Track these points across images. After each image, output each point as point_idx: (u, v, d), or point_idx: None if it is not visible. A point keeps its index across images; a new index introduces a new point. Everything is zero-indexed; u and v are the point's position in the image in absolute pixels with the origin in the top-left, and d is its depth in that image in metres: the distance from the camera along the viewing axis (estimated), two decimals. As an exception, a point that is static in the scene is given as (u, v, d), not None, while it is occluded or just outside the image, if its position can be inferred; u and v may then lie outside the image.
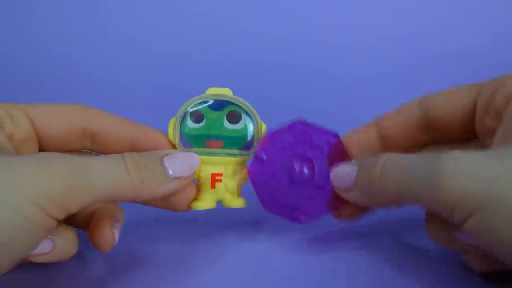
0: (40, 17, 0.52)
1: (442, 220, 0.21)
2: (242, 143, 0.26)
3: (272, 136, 0.26)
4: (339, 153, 0.26)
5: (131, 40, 0.51)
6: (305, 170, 0.26)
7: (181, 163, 0.24)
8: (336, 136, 0.26)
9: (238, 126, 0.26)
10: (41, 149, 0.25)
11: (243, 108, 0.26)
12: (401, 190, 0.20)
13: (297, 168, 0.26)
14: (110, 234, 0.23)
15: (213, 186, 0.26)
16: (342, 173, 0.24)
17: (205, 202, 0.26)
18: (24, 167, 0.18)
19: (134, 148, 0.26)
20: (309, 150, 0.26)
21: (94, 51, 0.51)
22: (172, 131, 0.26)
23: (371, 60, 0.49)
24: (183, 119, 0.26)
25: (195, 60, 0.50)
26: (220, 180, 0.26)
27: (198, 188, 0.26)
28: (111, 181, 0.20)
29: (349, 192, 0.24)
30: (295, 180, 0.26)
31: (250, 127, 0.26)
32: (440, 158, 0.19)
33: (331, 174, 0.25)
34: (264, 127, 0.26)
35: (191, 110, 0.26)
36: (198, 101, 0.26)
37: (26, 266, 0.24)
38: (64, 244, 0.22)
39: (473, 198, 0.17)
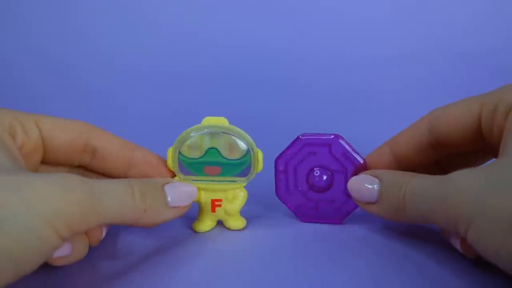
0: (38, 27, 0.52)
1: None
2: (239, 170, 0.27)
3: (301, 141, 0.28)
4: None
5: (125, 66, 0.52)
6: (324, 177, 0.28)
7: (180, 193, 0.25)
8: (362, 160, 0.27)
9: (235, 154, 0.27)
10: (44, 159, 0.25)
11: (240, 138, 0.27)
12: (421, 215, 0.22)
13: (316, 174, 0.28)
14: (98, 229, 0.24)
15: (213, 211, 0.27)
16: (364, 187, 0.25)
17: (206, 224, 0.28)
18: (45, 188, 0.19)
19: (131, 167, 0.27)
20: (334, 163, 0.27)
21: (91, 76, 0.51)
22: (171, 160, 0.27)
23: (370, 73, 0.50)
24: (181, 148, 0.26)
25: (192, 83, 0.50)
26: (220, 205, 0.27)
27: (199, 210, 0.28)
28: (119, 207, 0.21)
29: (371, 206, 0.25)
30: (313, 186, 0.28)
31: (247, 155, 0.27)
32: (445, 180, 0.21)
33: (349, 184, 0.26)
34: (260, 154, 0.27)
35: (189, 139, 0.26)
36: (195, 132, 0.26)
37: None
38: (80, 246, 0.23)
39: (467, 212, 0.19)
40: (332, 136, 0.27)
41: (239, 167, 0.27)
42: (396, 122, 0.30)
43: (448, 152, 0.26)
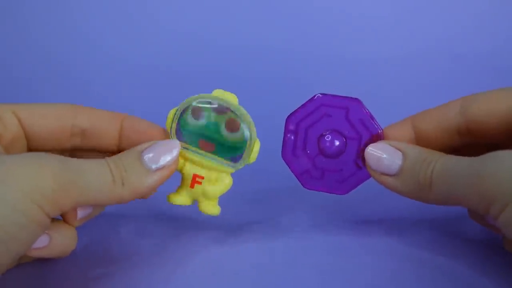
0: (30, 19, 0.51)
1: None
2: (232, 153, 0.25)
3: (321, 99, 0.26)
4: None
5: (131, 38, 0.51)
6: (336, 142, 0.26)
7: (159, 152, 0.23)
8: (380, 130, 0.26)
9: (234, 135, 0.25)
10: (30, 149, 0.25)
11: (243, 121, 0.25)
12: (449, 193, 0.21)
13: (328, 139, 0.26)
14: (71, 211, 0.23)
15: (192, 186, 0.26)
16: (384, 158, 0.24)
17: (182, 198, 0.26)
18: (17, 165, 0.19)
19: (123, 139, 0.26)
20: (349, 129, 0.26)
21: (93, 49, 0.50)
22: (170, 121, 0.25)
23: (370, 73, 0.49)
24: (184, 112, 0.25)
25: (192, 83, 0.48)
26: (200, 183, 0.26)
27: (181, 182, 0.26)
28: (98, 182, 0.21)
29: (387, 178, 0.24)
30: (324, 151, 0.26)
31: (244, 141, 0.25)
32: (484, 159, 0.19)
33: (367, 152, 0.24)
34: (257, 145, 0.25)
35: (194, 105, 0.25)
36: (203, 100, 0.25)
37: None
38: (61, 239, 0.22)
39: (506, 192, 0.18)
40: (351, 99, 0.25)
41: (233, 152, 0.26)
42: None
43: (474, 140, 0.24)
